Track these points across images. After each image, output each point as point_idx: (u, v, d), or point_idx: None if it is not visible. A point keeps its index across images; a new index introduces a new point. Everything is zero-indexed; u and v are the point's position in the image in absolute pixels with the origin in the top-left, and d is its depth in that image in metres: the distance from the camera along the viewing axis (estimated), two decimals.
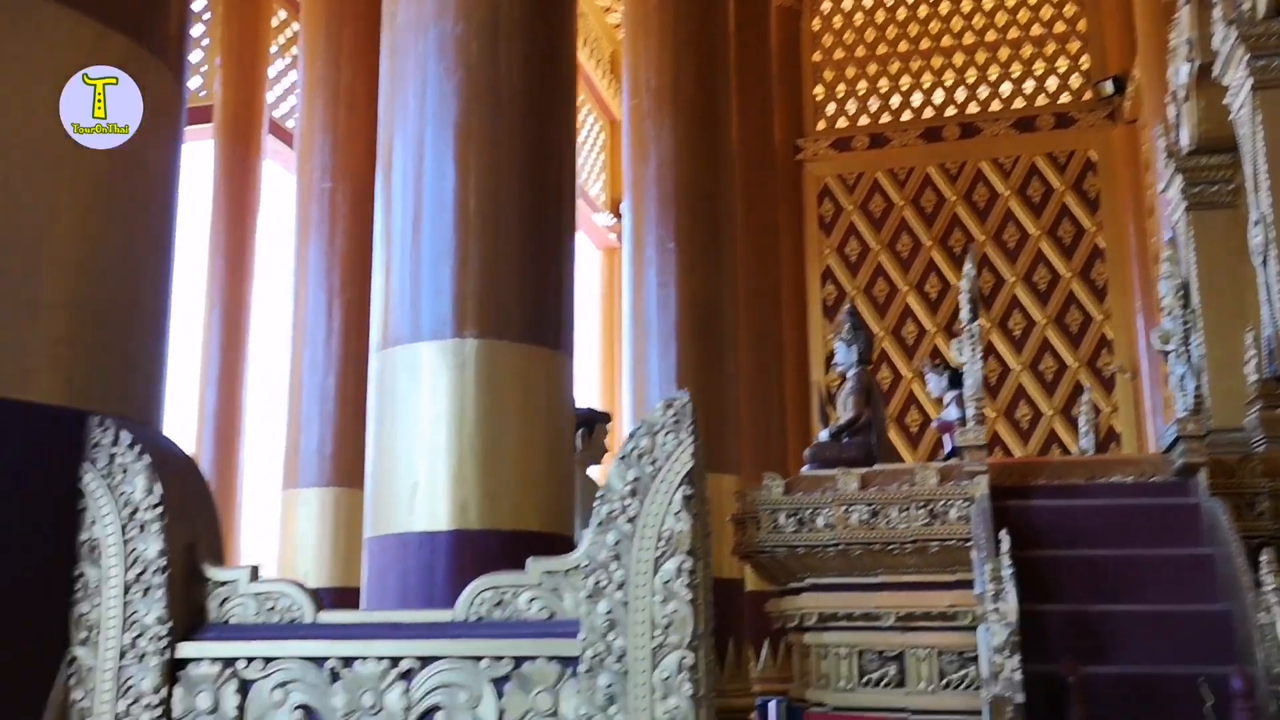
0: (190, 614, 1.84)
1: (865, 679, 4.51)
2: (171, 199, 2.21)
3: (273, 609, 1.84)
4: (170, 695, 1.78)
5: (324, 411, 7.62)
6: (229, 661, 1.79)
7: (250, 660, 1.78)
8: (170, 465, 1.89)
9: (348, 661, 1.74)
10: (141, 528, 1.82)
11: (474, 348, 3.83)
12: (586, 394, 10.73)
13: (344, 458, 7.50)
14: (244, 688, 1.77)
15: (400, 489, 3.83)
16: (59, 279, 1.90)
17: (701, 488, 1.68)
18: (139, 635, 1.79)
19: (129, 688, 1.78)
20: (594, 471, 5.11)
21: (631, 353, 7.02)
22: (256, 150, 9.86)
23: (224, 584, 1.86)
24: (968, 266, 4.61)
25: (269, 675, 1.77)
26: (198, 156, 9.49)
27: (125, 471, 1.84)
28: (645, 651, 1.61)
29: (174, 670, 1.79)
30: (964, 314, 4.50)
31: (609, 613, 1.63)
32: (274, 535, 7.80)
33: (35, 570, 1.80)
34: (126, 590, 1.80)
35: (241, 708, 1.77)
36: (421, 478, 3.79)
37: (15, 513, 1.79)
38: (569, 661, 1.65)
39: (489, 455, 3.78)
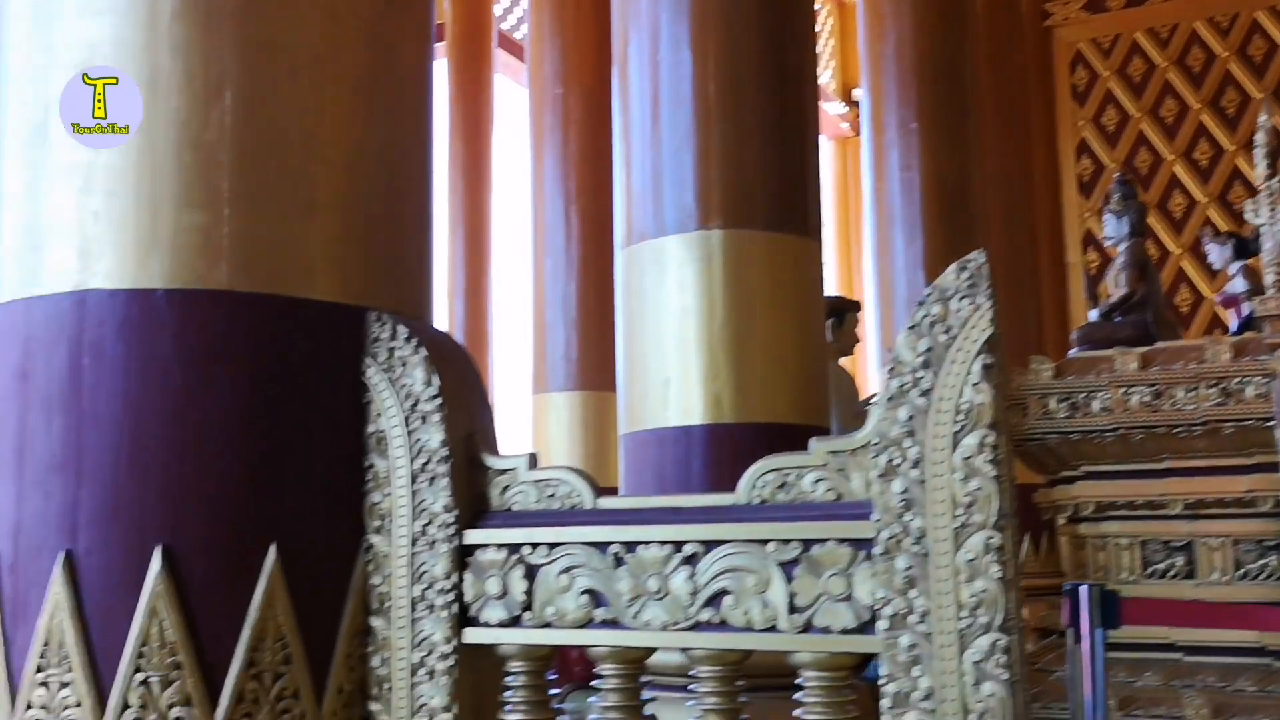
0: (474, 501, 1.86)
1: (1149, 570, 4.24)
2: (426, 96, 2.21)
3: (552, 496, 1.83)
4: (461, 580, 1.81)
5: (567, 317, 7.79)
6: (514, 548, 1.80)
7: (535, 546, 1.79)
8: (445, 357, 1.91)
9: (630, 546, 1.72)
10: (423, 419, 1.85)
11: (719, 238, 3.76)
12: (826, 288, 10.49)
13: (589, 362, 7.67)
14: (530, 573, 1.78)
15: (652, 385, 3.84)
16: (329, 179, 1.93)
17: (1001, 356, 1.54)
18: (428, 523, 1.83)
19: (422, 573, 1.82)
20: (845, 362, 4.97)
21: (874, 242, 6.79)
22: (487, 64, 10.03)
23: (504, 472, 1.87)
24: (1262, 118, 4.13)
25: (554, 560, 1.77)
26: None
27: (404, 364, 1.87)
28: (947, 532, 1.50)
29: (463, 556, 1.82)
30: (1259, 170, 4.04)
31: (904, 492, 1.53)
32: (526, 440, 8.09)
33: (330, 463, 1.86)
34: (413, 480, 1.84)
35: (529, 593, 1.78)
36: (673, 373, 3.78)
37: (308, 408, 1.85)
38: (861, 544, 1.56)
39: (740, 347, 3.73)
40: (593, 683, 1.84)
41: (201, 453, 1.76)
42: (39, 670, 1.72)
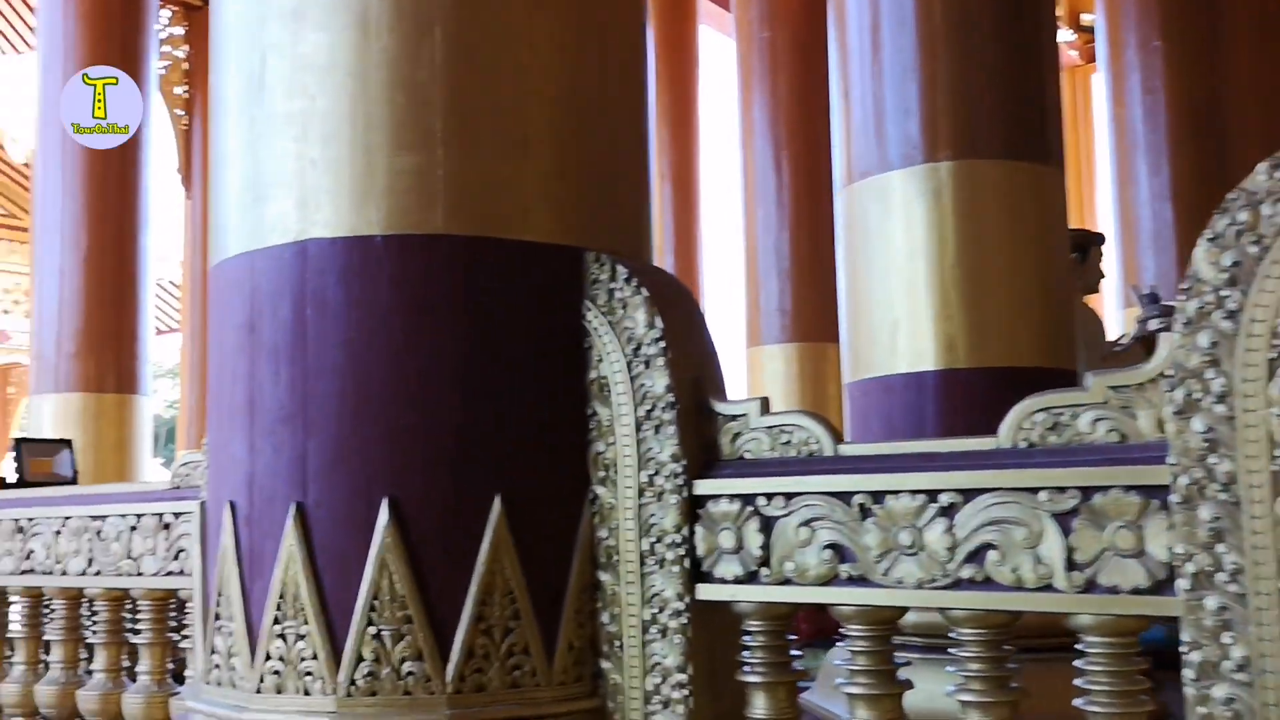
0: (702, 450, 1.74)
1: None
2: (639, 28, 2.08)
3: (787, 443, 1.69)
4: (692, 533, 1.70)
5: (780, 268, 7.61)
6: (748, 499, 1.67)
7: (770, 497, 1.65)
8: (668, 297, 1.79)
9: (877, 496, 1.56)
10: (646, 363, 1.74)
11: (949, 171, 3.50)
12: None
13: (803, 313, 7.48)
14: (766, 525, 1.65)
15: (879, 329, 3.63)
16: (543, 113, 1.84)
17: None
18: (655, 473, 1.72)
19: (651, 525, 1.72)
20: (1091, 300, 4.60)
21: (1114, 172, 6.29)
22: (691, 14, 9.87)
23: (734, 418, 1.74)
24: None
25: (792, 512, 1.63)
26: None
27: (625, 307, 1.76)
28: (1263, 477, 1.27)
29: (693, 508, 1.71)
30: None
31: (1207, 431, 1.30)
32: (742, 394, 7.99)
33: (551, 411, 1.78)
34: (638, 427, 1.74)
35: (766, 547, 1.64)
36: (901, 316, 3.56)
37: (527, 354, 1.78)
38: (1154, 491, 1.35)
39: (975, 287, 3.47)
40: (826, 640, 1.70)
41: (422, 401, 1.71)
42: (276, 622, 1.71)
